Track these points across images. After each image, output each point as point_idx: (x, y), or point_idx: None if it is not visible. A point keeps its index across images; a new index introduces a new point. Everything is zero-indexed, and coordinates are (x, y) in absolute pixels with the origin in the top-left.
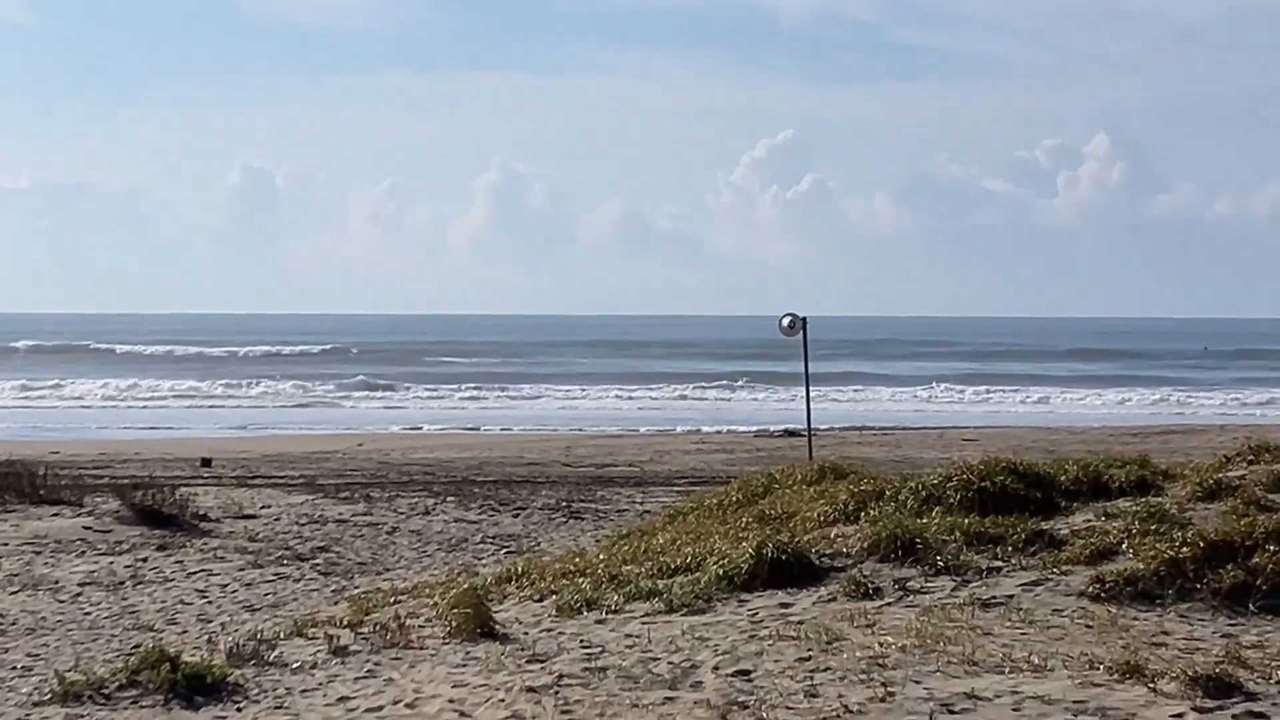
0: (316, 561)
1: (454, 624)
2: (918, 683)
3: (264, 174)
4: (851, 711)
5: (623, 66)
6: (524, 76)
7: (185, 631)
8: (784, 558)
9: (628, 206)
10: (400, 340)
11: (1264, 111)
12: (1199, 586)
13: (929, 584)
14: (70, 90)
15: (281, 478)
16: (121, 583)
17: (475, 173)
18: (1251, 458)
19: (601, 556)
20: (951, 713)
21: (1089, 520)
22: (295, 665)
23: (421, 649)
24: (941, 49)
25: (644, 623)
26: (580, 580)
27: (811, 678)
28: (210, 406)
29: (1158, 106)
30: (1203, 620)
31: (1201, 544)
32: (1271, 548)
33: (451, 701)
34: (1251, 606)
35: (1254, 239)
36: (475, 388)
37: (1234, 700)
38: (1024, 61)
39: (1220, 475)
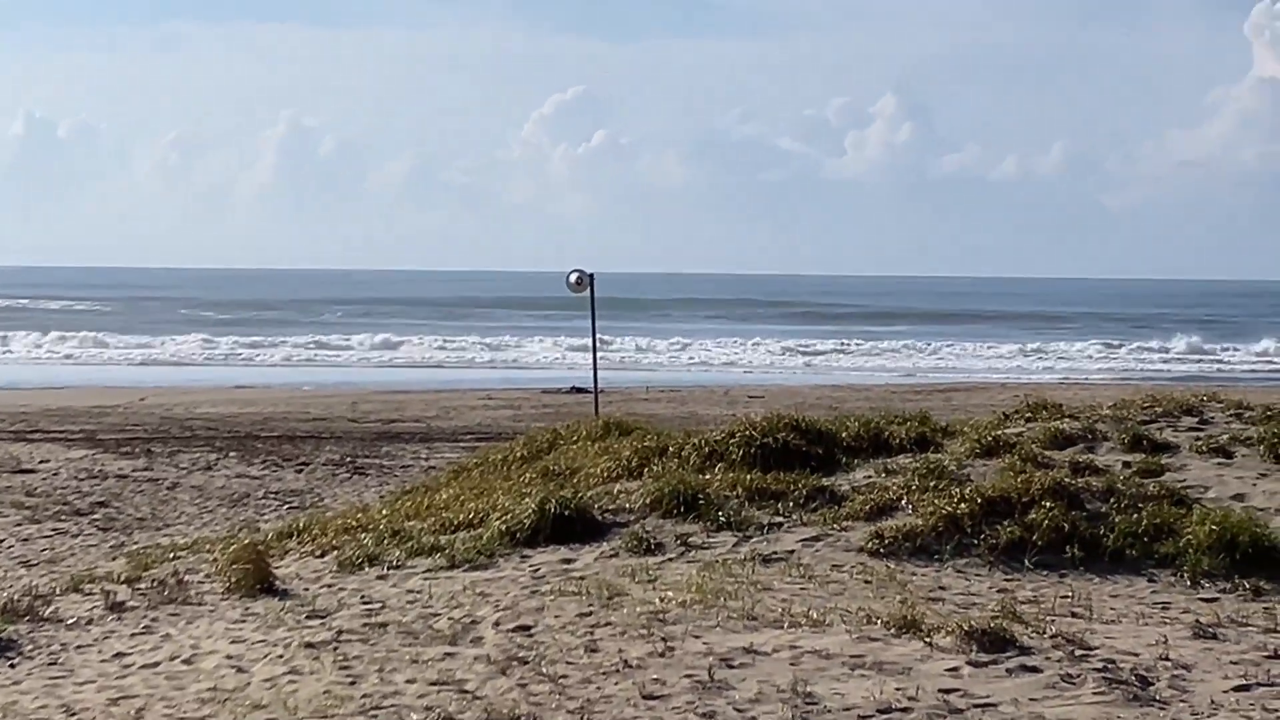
0: (95, 517)
1: (233, 580)
2: (697, 637)
3: (47, 124)
4: (631, 666)
5: (412, 19)
6: (310, 29)
7: None
8: (567, 513)
9: (418, 160)
10: (185, 296)
11: (1053, 70)
12: (976, 542)
13: (710, 539)
14: None
15: (61, 432)
16: None
17: (263, 126)
18: (1029, 415)
19: (384, 512)
20: (730, 667)
21: (869, 476)
22: (71, 621)
23: (200, 605)
24: (729, 4)
25: (425, 578)
26: (362, 536)
27: (592, 633)
28: None
29: (947, 64)
30: (979, 575)
31: (979, 500)
32: (1047, 504)
33: (229, 658)
34: (1027, 562)
35: (1043, 198)
36: (258, 343)
37: (1008, 654)
38: (813, 17)
39: (998, 432)
